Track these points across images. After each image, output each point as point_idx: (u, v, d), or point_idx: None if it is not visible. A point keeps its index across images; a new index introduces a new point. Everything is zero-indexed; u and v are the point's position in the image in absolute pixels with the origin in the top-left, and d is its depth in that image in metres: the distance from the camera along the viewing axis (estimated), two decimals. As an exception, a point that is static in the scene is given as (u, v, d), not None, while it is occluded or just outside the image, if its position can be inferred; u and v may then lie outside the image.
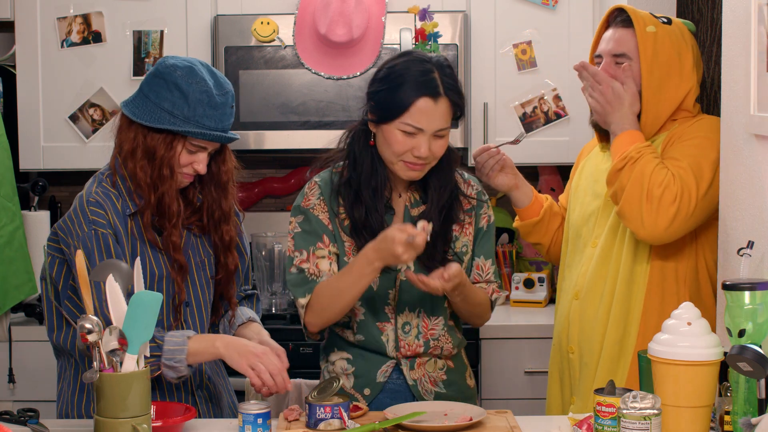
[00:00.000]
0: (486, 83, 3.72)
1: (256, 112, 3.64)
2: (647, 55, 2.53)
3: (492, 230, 2.58)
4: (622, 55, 2.57)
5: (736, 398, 1.98)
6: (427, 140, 2.36)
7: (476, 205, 2.55)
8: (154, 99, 2.31)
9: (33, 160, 3.73)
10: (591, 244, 2.65)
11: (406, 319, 2.49)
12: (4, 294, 3.39)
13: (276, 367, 2.28)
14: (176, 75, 2.31)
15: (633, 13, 2.55)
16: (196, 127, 2.30)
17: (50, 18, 3.69)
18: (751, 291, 1.94)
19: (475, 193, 2.56)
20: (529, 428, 2.24)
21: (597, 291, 2.61)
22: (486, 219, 2.57)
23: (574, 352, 2.65)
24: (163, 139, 2.32)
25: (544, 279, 3.83)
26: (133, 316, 2.02)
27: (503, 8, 3.71)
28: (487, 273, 2.57)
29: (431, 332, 2.50)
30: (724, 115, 2.32)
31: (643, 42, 2.52)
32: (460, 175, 2.57)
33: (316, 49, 3.61)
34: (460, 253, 2.51)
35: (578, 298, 2.64)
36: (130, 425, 1.98)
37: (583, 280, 2.64)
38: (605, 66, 2.59)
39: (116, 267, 2.13)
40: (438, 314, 2.51)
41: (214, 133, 2.32)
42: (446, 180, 2.48)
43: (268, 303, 3.69)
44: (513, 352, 3.50)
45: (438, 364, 2.52)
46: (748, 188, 2.18)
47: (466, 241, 2.53)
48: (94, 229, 2.30)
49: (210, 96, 2.31)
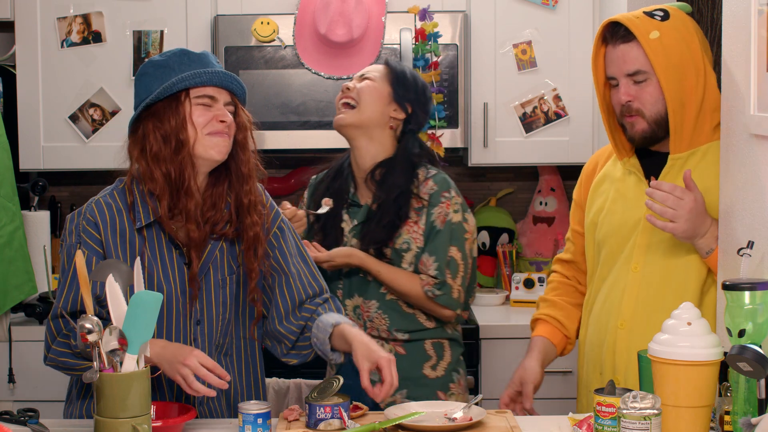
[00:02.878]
0: (486, 83, 3.72)
1: (256, 112, 3.61)
2: (661, 65, 2.38)
3: (448, 230, 2.73)
4: (637, 72, 2.40)
5: (736, 398, 1.98)
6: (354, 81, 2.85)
7: (428, 204, 2.75)
8: (144, 95, 2.30)
9: (33, 160, 3.73)
10: (632, 268, 2.47)
11: (355, 302, 2.83)
12: (4, 294, 3.39)
13: (203, 371, 2.16)
14: (150, 62, 2.33)
15: (631, 24, 2.40)
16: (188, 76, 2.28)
17: (50, 18, 3.69)
18: (751, 291, 1.93)
19: (429, 192, 2.74)
20: (529, 428, 2.24)
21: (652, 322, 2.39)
22: (442, 219, 2.74)
23: (620, 384, 2.45)
24: (167, 107, 2.27)
25: (544, 279, 3.83)
26: (133, 316, 2.02)
27: (503, 8, 3.71)
28: (428, 268, 2.75)
29: (366, 314, 2.81)
30: (724, 115, 2.32)
31: (653, 53, 2.37)
32: (425, 174, 2.79)
33: (316, 49, 3.61)
34: (397, 251, 2.76)
35: (624, 328, 2.47)
36: (130, 425, 1.98)
37: (629, 310, 2.46)
38: (625, 89, 2.42)
39: (116, 267, 2.13)
40: (371, 298, 2.81)
41: (208, 70, 2.28)
42: (395, 180, 2.77)
43: (268, 303, 3.70)
44: (513, 352, 3.49)
45: (385, 347, 2.78)
46: (748, 188, 2.18)
47: (408, 238, 2.76)
48: (79, 243, 2.30)
49: (187, 54, 2.32)
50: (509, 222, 4.06)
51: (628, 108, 2.43)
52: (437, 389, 2.84)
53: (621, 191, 2.53)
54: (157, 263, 2.33)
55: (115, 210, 2.34)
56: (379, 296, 2.81)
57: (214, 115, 2.30)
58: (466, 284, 2.81)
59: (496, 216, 4.06)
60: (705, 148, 2.44)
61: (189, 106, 2.29)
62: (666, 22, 2.41)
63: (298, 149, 3.65)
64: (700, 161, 2.44)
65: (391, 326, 2.81)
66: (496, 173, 4.15)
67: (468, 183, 4.14)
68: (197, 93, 2.30)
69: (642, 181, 2.49)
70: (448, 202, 2.76)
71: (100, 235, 2.32)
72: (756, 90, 2.11)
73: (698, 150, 2.45)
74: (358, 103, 2.82)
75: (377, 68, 2.90)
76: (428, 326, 2.83)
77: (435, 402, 2.42)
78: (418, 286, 2.76)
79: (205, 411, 2.42)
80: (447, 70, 3.64)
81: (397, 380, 2.22)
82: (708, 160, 2.43)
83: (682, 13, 2.45)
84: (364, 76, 2.86)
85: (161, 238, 2.34)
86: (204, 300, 2.37)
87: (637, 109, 2.43)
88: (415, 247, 2.77)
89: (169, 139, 2.28)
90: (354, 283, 2.84)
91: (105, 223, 2.33)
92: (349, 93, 2.83)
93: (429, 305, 2.79)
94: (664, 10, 2.43)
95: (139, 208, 2.33)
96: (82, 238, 2.31)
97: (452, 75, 3.64)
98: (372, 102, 2.82)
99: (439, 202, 2.76)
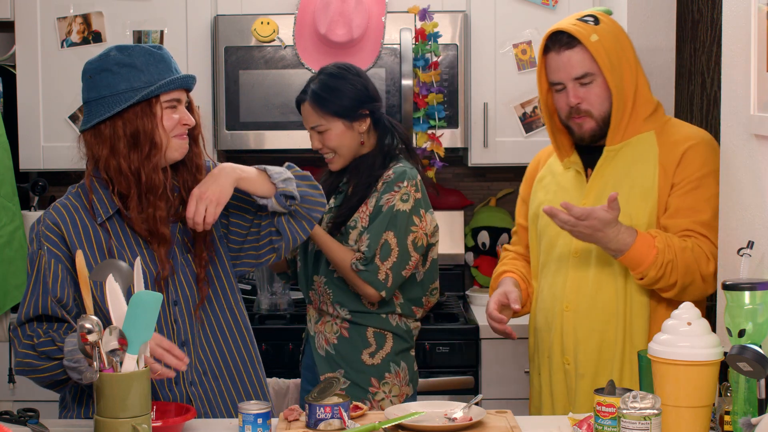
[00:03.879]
0: (486, 83, 3.72)
1: (256, 112, 3.64)
2: (606, 65, 2.54)
3: (389, 215, 2.87)
4: (585, 75, 2.57)
5: (736, 398, 1.98)
6: (314, 137, 2.97)
7: (381, 189, 2.90)
8: (107, 92, 2.31)
9: (33, 160, 3.73)
10: (572, 253, 2.63)
11: (311, 278, 3.00)
12: (4, 294, 3.39)
13: (160, 351, 2.17)
14: (111, 58, 2.33)
15: (573, 30, 2.55)
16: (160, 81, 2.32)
17: (50, 18, 3.69)
18: (751, 291, 1.94)
19: (385, 179, 2.91)
20: (529, 428, 2.24)
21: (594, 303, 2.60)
22: (387, 204, 2.89)
23: (570, 363, 2.63)
24: (140, 112, 2.31)
25: (544, 279, 3.83)
26: (133, 316, 2.02)
27: (503, 8, 3.71)
28: (361, 245, 2.89)
29: (319, 288, 2.97)
30: (724, 115, 2.32)
31: (597, 54, 2.54)
32: (394, 165, 2.94)
33: (316, 49, 3.62)
34: (348, 226, 2.93)
35: (569, 310, 2.62)
36: (130, 425, 1.98)
37: (573, 293, 2.62)
38: (573, 92, 2.58)
39: (116, 267, 2.13)
40: (321, 273, 2.97)
41: (179, 77, 2.34)
42: (371, 171, 2.94)
43: (269, 303, 3.69)
44: (513, 352, 3.50)
45: (333, 328, 2.96)
46: (748, 188, 2.18)
47: (356, 217, 2.92)
48: (40, 249, 2.32)
49: (151, 54, 2.34)
50: (509, 222, 4.06)
51: (576, 110, 2.61)
52: (372, 376, 2.94)
53: (561, 184, 2.72)
54: (126, 252, 2.36)
55: (73, 210, 2.37)
56: (328, 273, 2.96)
57: (179, 118, 2.36)
58: (398, 272, 2.89)
59: (496, 216, 4.06)
60: (636, 140, 2.61)
61: (160, 110, 2.33)
62: (599, 26, 2.57)
63: (298, 149, 3.65)
64: (632, 151, 2.61)
65: (334, 299, 2.95)
66: (496, 173, 4.15)
67: (468, 183, 4.14)
68: (167, 97, 2.34)
69: (581, 174, 2.68)
70: (399, 192, 2.89)
71: (63, 236, 2.34)
72: (756, 90, 2.11)
73: (630, 141, 2.62)
74: (335, 152, 2.96)
75: (314, 116, 2.94)
76: (369, 309, 2.94)
77: (435, 402, 2.42)
78: (348, 259, 2.89)
79: (204, 411, 2.42)
80: (447, 70, 3.64)
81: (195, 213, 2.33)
82: (638, 149, 2.60)
83: (607, 16, 2.62)
84: (317, 130, 2.95)
85: (125, 228, 2.38)
86: (176, 281, 2.40)
87: (586, 110, 2.60)
88: (360, 226, 2.92)
89: (140, 142, 2.32)
90: (310, 258, 3.00)
91: (66, 224, 2.35)
92: (324, 151, 2.97)
93: (353, 280, 2.90)
94: (592, 15, 2.61)
95: (99, 204, 2.35)
96: (43, 244, 2.32)
97: (452, 75, 3.64)
98: (343, 143, 2.95)
99: (391, 190, 2.90)
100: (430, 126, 3.63)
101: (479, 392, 3.43)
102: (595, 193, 2.62)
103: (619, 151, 2.62)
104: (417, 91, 3.62)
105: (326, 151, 2.96)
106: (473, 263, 4.07)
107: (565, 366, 2.64)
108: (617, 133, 2.61)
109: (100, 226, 2.36)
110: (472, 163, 3.76)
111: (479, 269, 4.05)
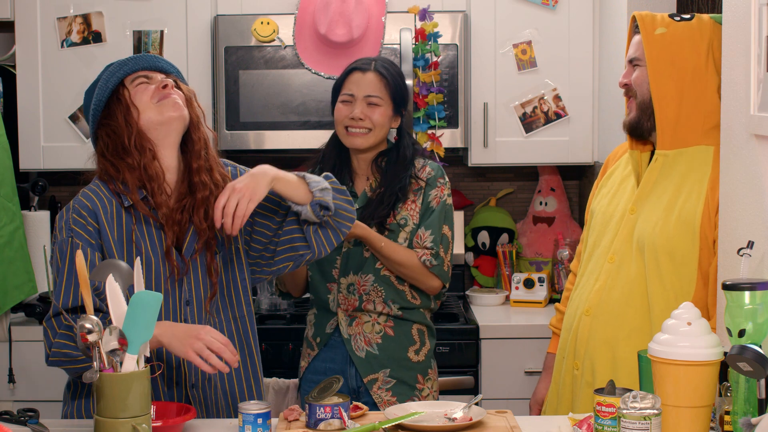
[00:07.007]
0: (486, 83, 3.72)
1: (256, 112, 3.64)
2: (652, 58, 2.51)
3: (443, 210, 2.96)
4: (635, 59, 2.58)
5: (736, 398, 1.98)
6: (360, 105, 2.92)
7: (425, 186, 2.97)
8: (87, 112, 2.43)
9: (33, 160, 3.73)
10: (609, 258, 2.56)
11: (350, 280, 2.94)
12: (4, 294, 3.39)
13: (218, 345, 2.20)
14: (86, 93, 2.45)
15: (640, 19, 2.55)
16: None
17: (50, 18, 3.70)
18: (751, 291, 1.94)
19: (426, 176, 2.97)
20: (529, 428, 2.24)
21: (616, 312, 2.50)
22: (437, 200, 2.97)
23: (578, 368, 2.56)
24: (111, 104, 2.37)
25: (544, 279, 3.83)
26: (133, 316, 2.02)
27: (503, 8, 3.71)
28: (425, 241, 2.94)
29: (363, 288, 2.94)
30: (724, 115, 2.32)
31: (648, 45, 2.52)
32: (422, 162, 3.00)
33: (316, 49, 3.62)
34: (397, 224, 2.94)
35: (589, 315, 2.55)
36: (130, 425, 1.98)
37: (597, 297, 2.54)
38: (625, 72, 2.61)
39: (116, 267, 2.13)
40: (368, 272, 2.94)
41: (132, 56, 2.40)
42: (401, 169, 2.96)
43: (269, 303, 3.70)
44: (513, 352, 3.50)
45: (375, 327, 2.95)
46: (748, 188, 2.18)
47: (406, 215, 2.95)
48: (71, 237, 2.32)
49: (111, 64, 2.43)
50: (509, 222, 4.06)
51: (627, 90, 2.61)
52: (418, 372, 2.98)
53: (621, 183, 2.66)
54: (145, 240, 2.37)
55: (102, 195, 2.39)
56: (375, 271, 2.95)
57: (154, 87, 2.39)
58: (451, 263, 3.01)
59: (496, 216, 4.06)
60: (693, 151, 2.51)
61: (127, 93, 2.37)
62: (682, 22, 2.53)
63: (298, 149, 3.66)
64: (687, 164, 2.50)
65: (386, 297, 2.95)
66: (496, 173, 4.15)
67: (468, 183, 4.15)
68: (131, 79, 2.39)
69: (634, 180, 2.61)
70: (443, 187, 2.99)
71: (96, 219, 2.35)
72: (756, 90, 2.11)
73: (686, 151, 2.51)
74: (372, 129, 2.95)
75: (378, 87, 2.95)
76: (415, 304, 2.98)
77: (435, 402, 2.42)
78: (415, 257, 2.92)
79: (204, 411, 2.42)
80: (447, 70, 3.64)
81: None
82: (693, 165, 2.50)
83: (707, 21, 2.54)
84: (371, 101, 2.93)
85: (148, 219, 2.39)
86: (192, 280, 2.40)
87: (632, 91, 2.58)
88: (412, 223, 2.95)
89: (120, 130, 2.36)
90: (351, 260, 2.96)
91: (96, 207, 2.36)
92: (362, 123, 2.92)
93: (422, 276, 2.94)
94: (696, 15, 2.56)
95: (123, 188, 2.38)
96: (75, 231, 2.33)
97: (452, 75, 3.64)
98: (384, 126, 2.97)
99: (436, 185, 2.98)
100: (430, 126, 3.63)
101: (479, 392, 3.43)
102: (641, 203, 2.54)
103: (675, 159, 2.52)
104: (417, 91, 3.62)
105: (364, 125, 2.93)
106: (473, 263, 4.07)
107: (573, 371, 2.58)
108: (663, 134, 2.51)
109: (125, 211, 2.38)
110: (472, 163, 3.76)
111: (479, 269, 4.05)
